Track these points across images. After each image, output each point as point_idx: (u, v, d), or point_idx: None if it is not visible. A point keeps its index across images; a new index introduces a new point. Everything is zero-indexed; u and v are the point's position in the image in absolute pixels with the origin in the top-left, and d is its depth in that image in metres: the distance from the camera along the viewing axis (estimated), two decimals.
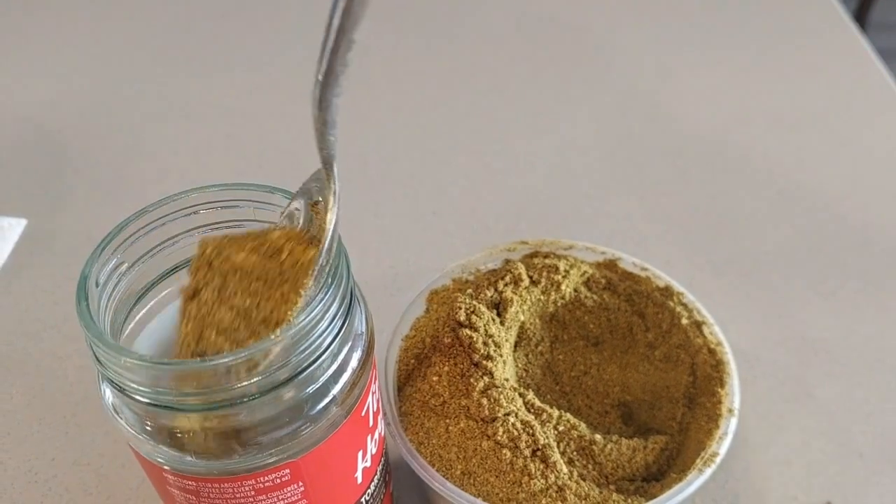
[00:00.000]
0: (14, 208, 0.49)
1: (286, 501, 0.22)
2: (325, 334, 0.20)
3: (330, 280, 0.20)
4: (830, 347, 0.39)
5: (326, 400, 0.21)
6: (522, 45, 0.63)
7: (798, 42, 0.61)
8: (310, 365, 0.20)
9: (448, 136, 0.54)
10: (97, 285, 0.21)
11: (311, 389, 0.20)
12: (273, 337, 0.18)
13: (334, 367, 0.21)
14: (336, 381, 0.21)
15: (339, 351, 0.21)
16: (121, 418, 0.21)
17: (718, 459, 0.25)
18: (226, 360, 0.18)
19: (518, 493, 0.25)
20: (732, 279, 0.42)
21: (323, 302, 0.19)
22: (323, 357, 0.20)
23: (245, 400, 0.19)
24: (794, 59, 0.59)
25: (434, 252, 0.44)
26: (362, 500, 0.24)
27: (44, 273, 0.45)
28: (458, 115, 0.56)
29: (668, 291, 0.30)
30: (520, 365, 0.29)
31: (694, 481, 0.25)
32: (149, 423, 0.20)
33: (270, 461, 0.20)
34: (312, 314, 0.19)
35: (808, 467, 0.34)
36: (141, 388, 0.19)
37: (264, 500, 0.21)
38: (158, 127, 0.55)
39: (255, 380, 0.19)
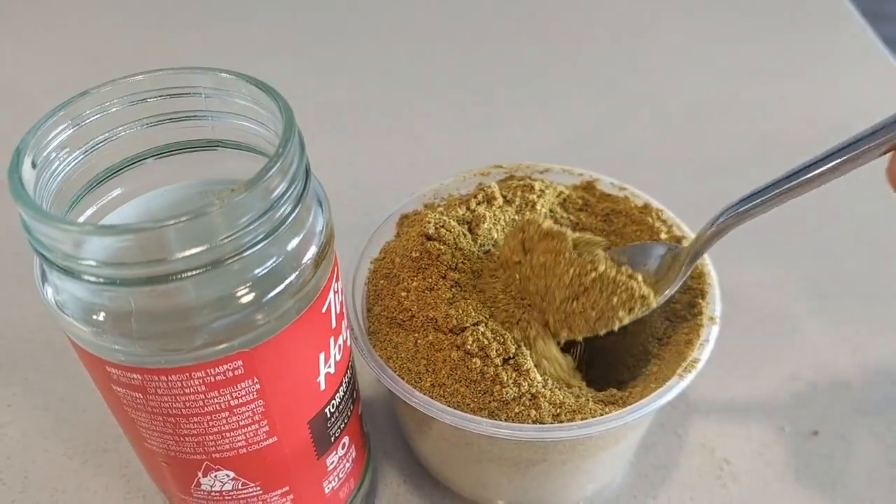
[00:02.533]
0: None
1: (241, 400, 0.20)
2: (271, 213, 0.18)
3: (279, 154, 0.19)
4: (816, 283, 0.38)
5: (279, 288, 0.19)
6: None
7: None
8: (256, 243, 0.18)
9: (420, 85, 0.53)
10: (34, 166, 0.19)
11: (259, 272, 0.19)
12: (217, 201, 0.17)
13: (284, 254, 0.20)
14: (289, 272, 0.20)
15: (290, 239, 0.20)
16: (66, 314, 0.20)
17: (700, 366, 0.24)
18: (167, 222, 0.17)
19: (490, 401, 0.23)
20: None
21: (269, 176, 0.18)
22: (269, 238, 0.19)
23: (190, 273, 0.18)
24: (773, 13, 0.59)
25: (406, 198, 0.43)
26: (327, 411, 0.23)
27: (2, 224, 0.43)
28: (436, 67, 0.55)
29: (646, 209, 0.29)
30: None
31: (674, 387, 0.24)
32: (95, 313, 0.19)
33: (221, 348, 0.19)
34: (258, 185, 0.18)
35: (795, 399, 0.33)
36: (83, 263, 0.17)
37: (216, 396, 0.20)
38: None
39: (198, 249, 0.17)
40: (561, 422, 0.23)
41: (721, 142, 0.47)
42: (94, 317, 0.19)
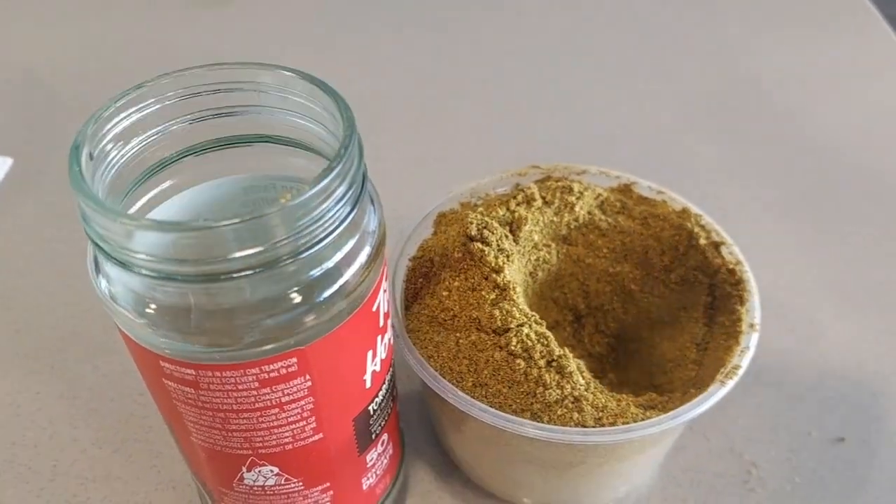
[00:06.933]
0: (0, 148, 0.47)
1: (292, 397, 0.20)
2: (329, 215, 0.18)
3: (340, 156, 0.19)
4: (844, 289, 0.38)
5: (333, 289, 0.19)
6: None
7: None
8: (313, 245, 0.18)
9: (450, 80, 0.53)
10: (91, 158, 0.19)
11: (315, 273, 0.19)
12: (282, 200, 0.17)
13: (339, 255, 0.20)
14: (343, 272, 0.20)
15: (346, 241, 0.20)
16: (119, 306, 0.20)
17: (740, 372, 0.24)
18: (228, 223, 0.17)
19: (532, 403, 0.24)
20: (744, 223, 0.42)
21: (330, 178, 0.18)
22: (327, 239, 0.19)
23: (247, 272, 0.18)
24: (803, 17, 0.59)
25: (438, 197, 0.43)
26: (370, 408, 0.23)
27: (30, 211, 0.43)
28: (465, 64, 0.55)
29: (685, 213, 0.29)
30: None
31: (715, 393, 0.24)
32: (150, 306, 0.19)
33: (277, 346, 0.19)
34: (319, 187, 0.18)
35: (822, 404, 0.33)
36: (139, 257, 0.17)
37: (269, 393, 0.20)
38: (149, 70, 0.53)
39: (256, 250, 0.17)
40: (603, 425, 0.23)
41: (750, 146, 0.47)
42: (148, 310, 0.19)
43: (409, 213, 0.31)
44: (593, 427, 0.23)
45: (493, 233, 0.27)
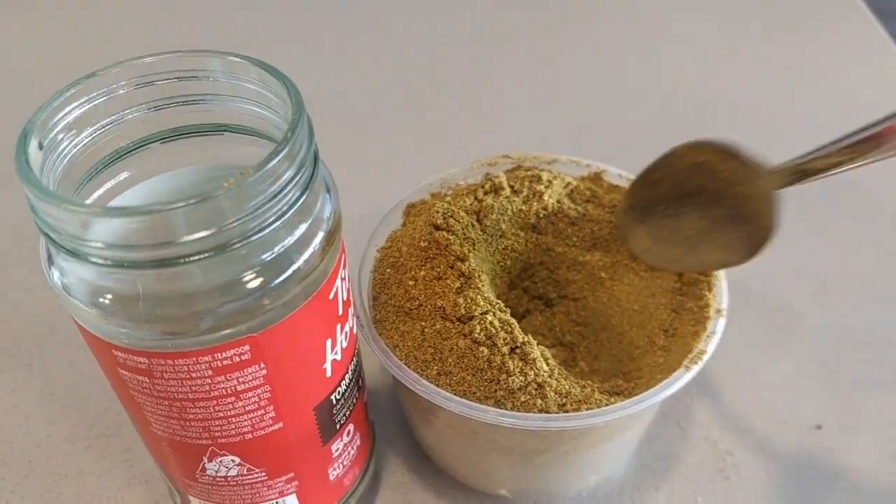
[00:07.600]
0: None
1: (247, 385, 0.20)
2: (279, 198, 0.18)
3: (287, 138, 0.18)
4: (822, 279, 0.38)
5: (286, 274, 0.19)
6: None
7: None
8: (263, 228, 0.18)
9: (429, 75, 0.53)
10: (40, 147, 0.19)
11: (266, 257, 0.19)
12: (226, 184, 0.17)
13: (291, 240, 0.19)
14: (295, 258, 0.20)
15: (298, 225, 0.20)
16: (72, 297, 0.20)
17: (706, 357, 0.24)
18: (176, 205, 0.17)
19: (496, 390, 0.23)
20: None
21: (277, 160, 0.18)
22: (277, 223, 0.19)
23: (197, 257, 0.17)
24: (783, 8, 0.59)
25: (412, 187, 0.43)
26: (332, 397, 0.23)
27: (8, 208, 0.43)
28: (443, 56, 0.55)
29: None
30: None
31: (680, 378, 0.24)
32: (101, 296, 0.19)
33: (228, 332, 0.19)
34: (265, 170, 0.18)
35: (799, 393, 0.33)
36: (89, 245, 0.17)
37: (223, 381, 0.20)
38: None
39: (206, 233, 0.17)
40: (566, 411, 0.23)
41: (728, 136, 0.47)
42: (101, 300, 0.19)
43: (384, 204, 0.31)
44: (556, 413, 0.23)
45: (458, 221, 0.27)
